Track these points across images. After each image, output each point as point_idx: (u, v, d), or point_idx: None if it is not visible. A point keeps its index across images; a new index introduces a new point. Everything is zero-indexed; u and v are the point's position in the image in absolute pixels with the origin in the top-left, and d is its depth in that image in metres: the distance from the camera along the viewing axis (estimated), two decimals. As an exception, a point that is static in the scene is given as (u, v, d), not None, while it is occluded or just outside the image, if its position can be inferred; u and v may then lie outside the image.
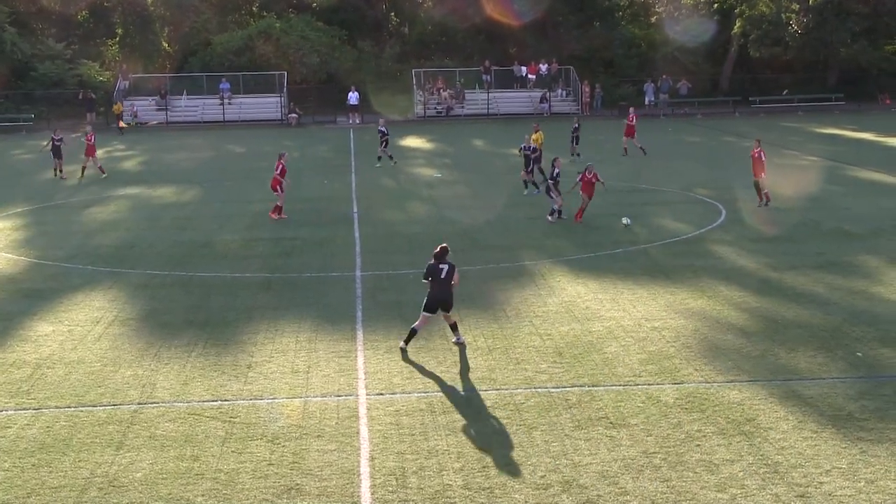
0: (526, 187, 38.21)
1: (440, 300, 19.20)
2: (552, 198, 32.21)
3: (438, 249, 19.43)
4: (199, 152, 57.59)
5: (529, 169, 38.07)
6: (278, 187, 33.77)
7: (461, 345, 19.57)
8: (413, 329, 19.38)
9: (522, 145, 39.59)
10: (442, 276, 19.16)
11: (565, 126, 54.25)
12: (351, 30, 78.69)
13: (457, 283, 19.46)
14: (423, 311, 19.42)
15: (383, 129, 48.04)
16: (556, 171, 32.38)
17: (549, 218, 32.27)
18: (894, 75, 78.23)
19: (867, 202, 34.86)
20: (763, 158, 34.21)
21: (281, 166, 33.88)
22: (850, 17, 74.08)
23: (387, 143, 48.11)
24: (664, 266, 26.15)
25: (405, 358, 19.12)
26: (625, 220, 30.64)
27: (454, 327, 19.75)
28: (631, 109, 52.11)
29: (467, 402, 16.81)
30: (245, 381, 18.09)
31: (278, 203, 33.98)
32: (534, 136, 41.65)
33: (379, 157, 48.20)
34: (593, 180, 31.85)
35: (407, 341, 19.38)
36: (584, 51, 75.88)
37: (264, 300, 23.88)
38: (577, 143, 49.33)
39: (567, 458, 14.49)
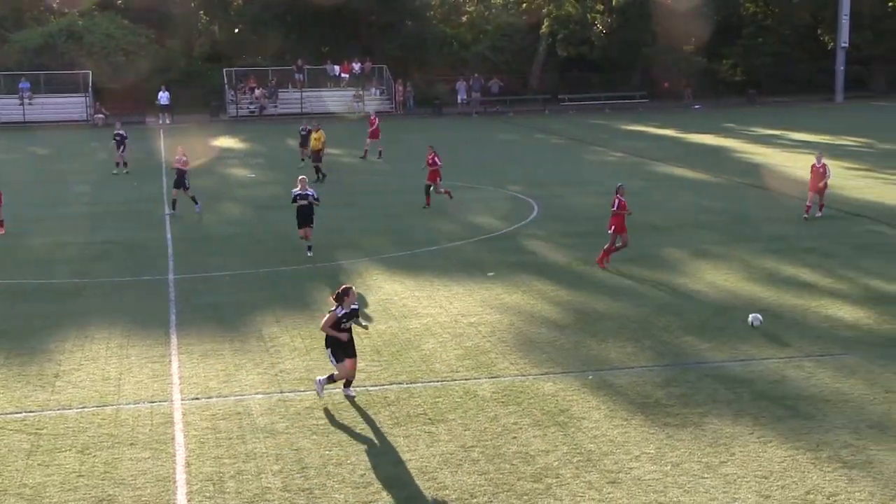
0: (173, 208, 34.43)
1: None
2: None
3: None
4: (-1, 154, 55.31)
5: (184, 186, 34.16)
6: None
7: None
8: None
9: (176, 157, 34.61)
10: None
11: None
12: (159, 28, 76.74)
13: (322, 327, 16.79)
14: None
15: (121, 132, 45.62)
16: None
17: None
18: (697, 75, 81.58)
19: (671, 197, 36.27)
20: (827, 173, 31.06)
21: None
22: (650, 17, 76.87)
23: (124, 148, 45.40)
24: (479, 262, 26.59)
25: (222, 361, 18.89)
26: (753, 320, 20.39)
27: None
28: (372, 112, 52.00)
29: (285, 403, 16.74)
30: (52, 390, 17.52)
31: None
32: (314, 136, 41.68)
33: (117, 164, 45.59)
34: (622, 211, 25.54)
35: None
36: (397, 50, 76.29)
37: (73, 307, 23.15)
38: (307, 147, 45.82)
39: (386, 455, 14.63)
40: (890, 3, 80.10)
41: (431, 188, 34.28)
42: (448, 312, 21.84)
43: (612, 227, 25.31)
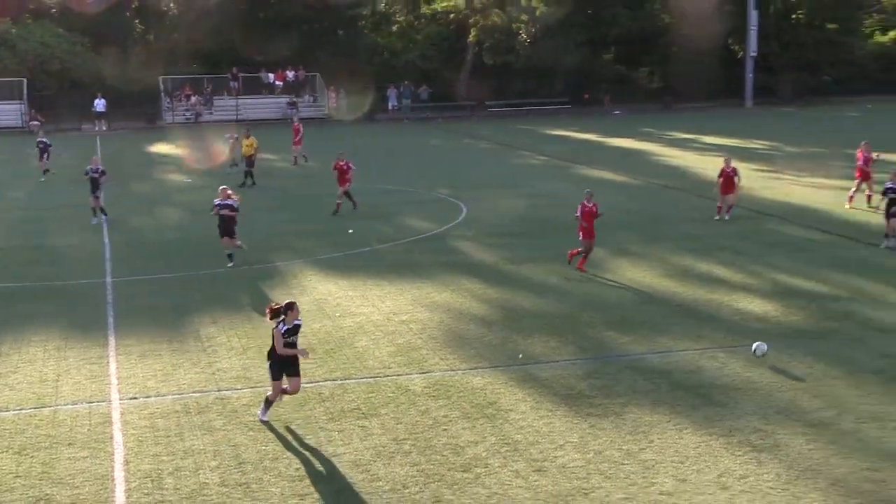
0: (94, 215, 33.44)
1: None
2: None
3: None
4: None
5: (96, 195, 33.41)
6: None
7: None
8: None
9: (89, 167, 33.60)
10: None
11: (313, 131, 54.10)
12: (95, 37, 75.27)
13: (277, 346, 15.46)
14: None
15: (44, 140, 44.87)
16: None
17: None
18: (614, 81, 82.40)
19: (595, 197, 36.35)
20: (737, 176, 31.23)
21: None
22: (573, 28, 77.41)
23: (48, 156, 44.64)
24: (410, 262, 26.55)
25: (160, 361, 18.62)
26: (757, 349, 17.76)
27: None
28: (295, 119, 51.69)
29: (223, 401, 16.55)
30: (-10, 393, 17.17)
31: None
32: (246, 143, 41.32)
33: (44, 171, 44.77)
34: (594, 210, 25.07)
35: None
36: (329, 58, 75.95)
37: (9, 311, 22.64)
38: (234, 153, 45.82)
39: (321, 449, 14.53)
40: (793, 17, 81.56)
41: (346, 192, 33.81)
42: (380, 311, 21.77)
43: (581, 233, 24.84)
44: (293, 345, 15.51)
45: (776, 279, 23.86)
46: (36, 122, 66.94)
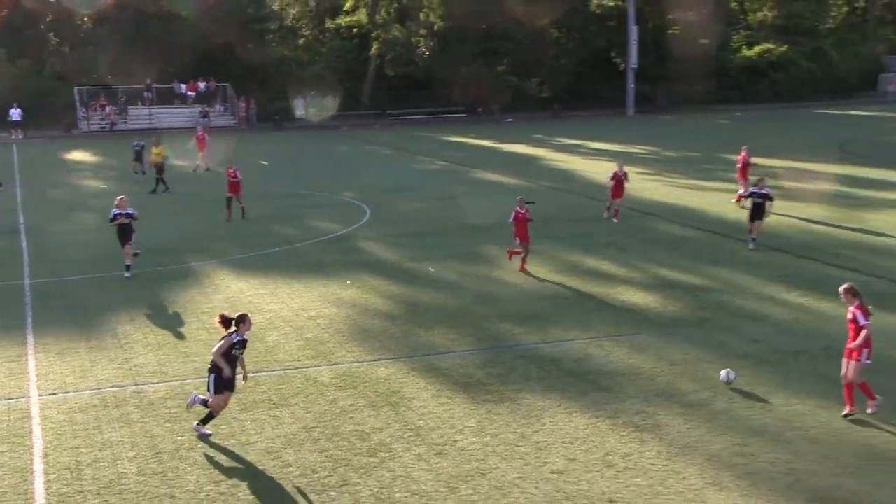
0: None
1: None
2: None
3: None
4: None
5: None
6: None
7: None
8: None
9: None
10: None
11: (221, 138, 53.40)
12: (9, 47, 73.17)
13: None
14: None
15: None
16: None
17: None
18: (510, 92, 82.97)
19: (488, 200, 36.58)
20: (625, 182, 31.62)
21: None
22: (468, 41, 77.87)
23: None
24: (318, 261, 26.50)
25: (78, 358, 18.30)
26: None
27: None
28: (199, 127, 50.91)
29: (139, 395, 16.36)
30: (-90, 392, 16.68)
31: None
32: (155, 151, 40.79)
33: None
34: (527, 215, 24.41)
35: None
36: (239, 69, 75.15)
37: (-71, 311, 22.03)
38: (141, 161, 44.94)
39: (235, 438, 14.49)
40: (670, 32, 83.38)
41: (233, 200, 32.98)
42: (290, 307, 21.71)
43: (517, 238, 24.42)
44: (236, 359, 14.57)
45: (656, 273, 24.41)
46: None
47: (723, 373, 16.25)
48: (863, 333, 14.45)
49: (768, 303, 21.24)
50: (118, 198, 25.85)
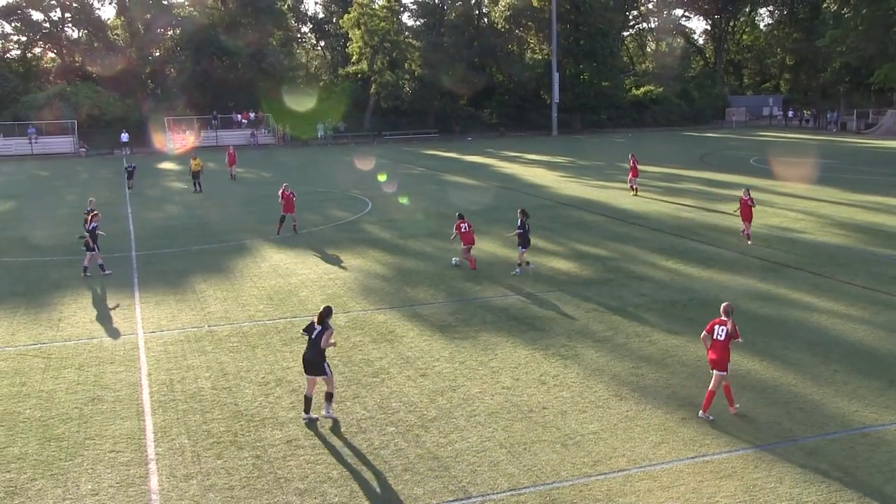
0: None
1: (306, 360, 11.96)
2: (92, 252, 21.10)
3: (322, 309, 12.24)
4: (13, 176, 50.69)
5: None
6: None
7: (331, 418, 12.06)
8: (306, 396, 12.22)
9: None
10: (312, 336, 11.97)
11: (265, 153, 52.56)
12: (121, 91, 72.91)
13: (325, 345, 11.86)
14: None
15: None
16: (94, 225, 21.30)
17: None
18: (469, 118, 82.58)
19: (453, 195, 36.55)
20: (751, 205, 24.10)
21: None
22: (438, 84, 77.33)
23: None
24: (334, 239, 26.31)
25: (169, 307, 18.08)
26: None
27: (328, 397, 12.15)
28: (231, 146, 49.40)
29: (211, 333, 16.23)
30: (57, 329, 16.59)
31: None
32: (194, 162, 39.72)
33: None
34: (470, 229, 21.38)
35: (307, 410, 12.15)
36: (277, 103, 74.67)
37: (68, 275, 21.72)
38: (131, 179, 41.77)
39: (278, 364, 14.42)
40: (581, 77, 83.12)
41: (286, 217, 27.13)
42: (315, 272, 21.56)
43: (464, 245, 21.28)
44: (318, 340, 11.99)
45: (574, 247, 24.43)
46: (83, 149, 65.49)
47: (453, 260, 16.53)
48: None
49: (651, 267, 21.35)
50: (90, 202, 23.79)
